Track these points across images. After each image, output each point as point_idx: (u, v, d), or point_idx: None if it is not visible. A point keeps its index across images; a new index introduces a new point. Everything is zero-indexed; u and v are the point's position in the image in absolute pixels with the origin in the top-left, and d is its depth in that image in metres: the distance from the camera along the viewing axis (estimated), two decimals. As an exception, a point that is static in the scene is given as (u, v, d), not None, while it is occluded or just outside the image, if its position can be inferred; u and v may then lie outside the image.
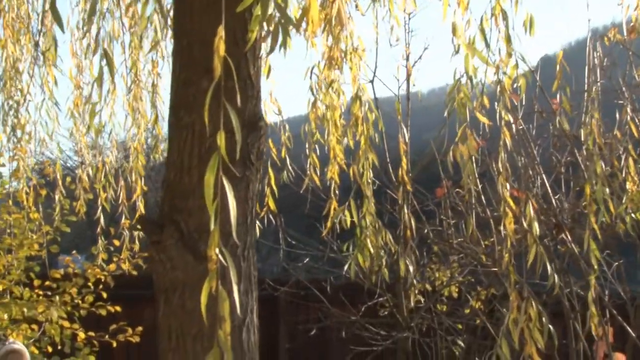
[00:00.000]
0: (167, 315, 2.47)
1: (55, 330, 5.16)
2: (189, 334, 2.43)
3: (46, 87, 4.66)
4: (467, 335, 7.17)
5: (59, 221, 5.28)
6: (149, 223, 2.48)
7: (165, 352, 2.47)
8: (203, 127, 2.44)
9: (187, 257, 2.42)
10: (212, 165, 1.56)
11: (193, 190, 2.45)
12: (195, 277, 2.42)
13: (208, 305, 2.36)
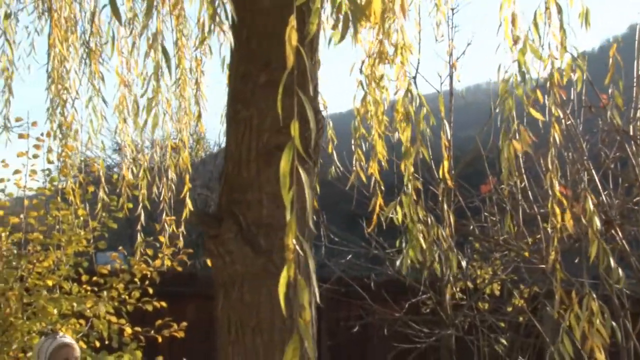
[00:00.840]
0: (227, 308, 2.49)
1: (103, 325, 5.22)
2: (248, 327, 2.44)
3: (93, 85, 4.72)
4: (510, 333, 7.10)
5: (106, 217, 5.34)
6: (207, 217, 2.49)
7: (225, 345, 2.48)
8: (260, 121, 2.46)
9: (246, 250, 2.42)
10: (287, 154, 1.56)
11: (251, 183, 2.46)
12: (254, 270, 2.43)
13: (267, 296, 2.38)
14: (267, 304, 2.43)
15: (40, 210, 5.33)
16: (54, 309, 4.97)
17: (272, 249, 2.44)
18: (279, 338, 2.43)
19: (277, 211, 2.45)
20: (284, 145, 2.39)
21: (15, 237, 5.26)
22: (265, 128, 2.44)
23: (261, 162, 2.45)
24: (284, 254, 2.45)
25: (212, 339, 7.10)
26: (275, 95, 2.36)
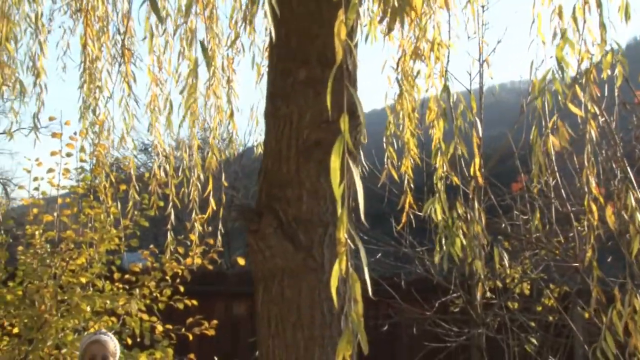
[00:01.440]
0: (267, 303, 2.49)
1: (135, 323, 5.27)
2: (288, 322, 2.44)
3: (126, 83, 4.75)
4: (540, 333, 7.05)
5: (138, 215, 5.38)
6: (248, 211, 2.50)
7: (265, 339, 2.48)
8: (300, 118, 2.46)
9: (287, 245, 2.43)
10: (338, 148, 1.56)
11: (291, 180, 2.47)
12: (294, 265, 2.44)
13: (307, 291, 2.39)
14: (308, 299, 2.44)
15: (73, 209, 5.39)
16: (87, 307, 5.02)
17: (312, 245, 2.45)
18: (320, 334, 2.44)
19: (317, 207, 2.45)
20: (324, 141, 2.42)
21: (49, 235, 5.32)
22: (305, 124, 2.44)
23: (301, 158, 2.45)
24: (324, 250, 2.47)
25: (239, 338, 7.14)
26: (315, 91, 2.37)
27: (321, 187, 2.44)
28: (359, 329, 1.49)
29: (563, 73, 3.20)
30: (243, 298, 7.52)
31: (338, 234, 1.47)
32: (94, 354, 4.05)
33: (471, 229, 3.43)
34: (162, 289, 5.46)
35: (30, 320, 4.85)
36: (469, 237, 3.44)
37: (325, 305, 2.45)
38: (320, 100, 2.42)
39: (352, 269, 1.50)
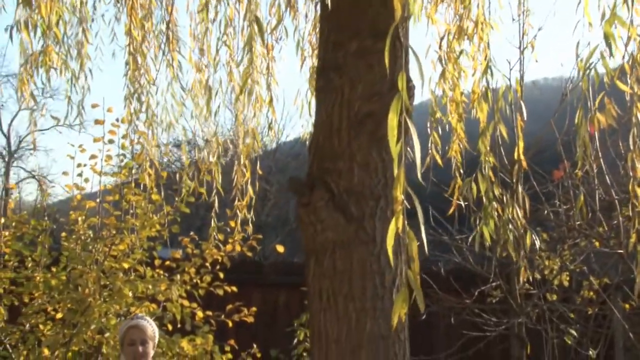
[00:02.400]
0: (318, 276, 2.50)
1: (176, 308, 5.31)
2: (340, 294, 2.45)
3: (172, 69, 4.80)
4: (580, 324, 6.97)
5: (179, 202, 5.43)
6: (299, 185, 2.51)
7: (317, 312, 2.49)
8: (351, 90, 2.47)
9: (338, 218, 2.43)
10: (395, 106, 1.55)
11: (342, 152, 2.47)
12: (346, 238, 2.44)
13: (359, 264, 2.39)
14: (359, 271, 2.44)
15: (115, 195, 5.45)
16: (129, 292, 5.08)
17: (363, 217, 2.45)
18: (371, 305, 2.44)
19: (369, 179, 2.45)
20: (375, 113, 2.42)
21: (91, 222, 5.39)
22: (357, 96, 2.45)
23: (352, 131, 2.45)
24: (375, 222, 2.47)
25: (276, 327, 7.16)
26: (366, 63, 2.37)
27: (372, 160, 2.44)
28: (416, 286, 1.49)
29: (611, 49, 3.15)
30: (279, 288, 7.55)
31: (395, 193, 1.47)
32: (133, 339, 4.11)
33: (506, 211, 3.40)
34: (202, 275, 5.50)
35: (74, 304, 4.92)
36: (503, 219, 3.41)
37: (377, 278, 2.45)
38: (372, 72, 2.42)
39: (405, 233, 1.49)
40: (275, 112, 5.32)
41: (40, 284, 5.12)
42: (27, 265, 5.24)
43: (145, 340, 4.12)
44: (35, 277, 5.15)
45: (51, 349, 5.01)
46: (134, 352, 4.07)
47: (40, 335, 5.17)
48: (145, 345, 4.11)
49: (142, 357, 4.10)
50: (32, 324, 5.19)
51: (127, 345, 4.11)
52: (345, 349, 2.41)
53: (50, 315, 5.22)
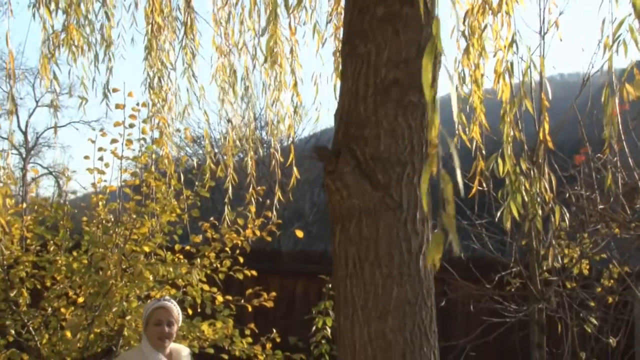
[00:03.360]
0: (344, 243, 2.49)
1: (196, 292, 5.33)
2: (366, 261, 2.44)
3: (192, 52, 4.82)
4: (600, 312, 6.92)
5: (199, 186, 5.45)
6: (325, 152, 2.51)
7: (343, 279, 2.49)
8: (378, 56, 2.46)
9: (364, 184, 2.43)
10: (429, 51, 1.54)
11: (368, 118, 2.46)
12: (372, 204, 2.44)
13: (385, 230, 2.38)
14: (386, 238, 2.43)
15: (135, 180, 5.47)
16: (150, 275, 5.10)
17: (390, 183, 2.44)
18: (398, 272, 2.43)
19: (395, 146, 2.45)
20: (402, 80, 2.41)
21: (112, 206, 5.42)
22: (383, 63, 2.44)
23: (378, 98, 2.45)
24: (402, 189, 2.46)
25: (294, 315, 7.15)
26: (393, 29, 2.36)
27: (399, 126, 2.43)
28: (452, 229, 1.48)
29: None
30: (297, 276, 7.56)
31: (429, 136, 1.46)
32: (160, 319, 4.13)
33: (534, 185, 3.38)
34: (221, 259, 5.52)
35: (96, 286, 4.95)
36: (530, 193, 3.39)
37: (404, 244, 2.44)
38: (398, 38, 2.42)
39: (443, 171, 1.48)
40: (300, 95, 5.34)
41: (62, 267, 5.16)
42: (49, 249, 5.28)
43: (171, 322, 4.16)
44: (57, 261, 5.19)
45: (73, 332, 5.05)
46: (160, 332, 4.10)
47: (62, 318, 5.21)
48: (171, 327, 4.15)
49: (167, 338, 4.13)
50: (54, 308, 5.24)
51: (153, 325, 4.13)
52: (371, 315, 2.41)
53: (72, 299, 5.26)
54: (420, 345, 2.42)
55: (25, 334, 5.16)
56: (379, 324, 2.40)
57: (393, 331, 2.40)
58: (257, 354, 5.57)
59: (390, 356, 2.39)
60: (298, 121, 5.21)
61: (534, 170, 3.42)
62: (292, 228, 14.24)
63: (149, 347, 4.15)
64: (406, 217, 2.44)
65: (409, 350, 2.40)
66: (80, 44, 4.32)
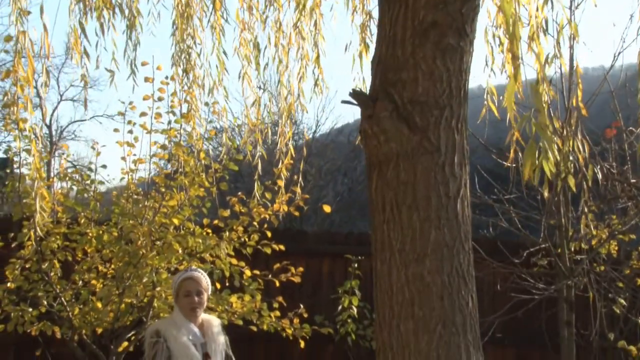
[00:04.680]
0: (381, 187, 2.50)
1: (225, 265, 5.36)
2: (404, 204, 2.44)
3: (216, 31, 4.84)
4: (629, 292, 6.86)
5: (227, 160, 5.47)
6: (362, 97, 2.51)
7: (380, 224, 2.49)
8: (416, 0, 2.45)
9: (402, 128, 2.43)
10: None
11: (406, 62, 2.46)
12: (410, 148, 2.43)
13: (423, 174, 2.37)
14: (423, 181, 2.43)
15: (164, 154, 5.50)
16: (179, 247, 5.13)
17: (428, 127, 2.44)
18: (435, 215, 2.43)
19: (433, 89, 2.44)
20: (440, 22, 2.40)
21: (141, 179, 5.46)
22: (422, 5, 2.43)
23: (416, 40, 2.44)
24: (440, 132, 2.46)
25: (320, 294, 7.14)
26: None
27: (437, 69, 2.43)
28: (546, 136, 1.46)
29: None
30: (323, 257, 7.56)
31: (512, 49, 1.45)
32: (189, 290, 4.16)
33: (567, 144, 3.35)
34: (249, 233, 5.54)
35: (126, 255, 4.99)
36: (563, 151, 3.36)
37: (442, 188, 2.44)
38: (436, -20, 2.40)
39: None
40: (322, 69, 5.34)
41: (93, 239, 5.20)
42: (79, 222, 5.33)
43: (200, 291, 4.19)
44: (87, 233, 5.24)
45: (104, 302, 5.10)
46: (190, 302, 4.13)
47: (93, 290, 5.26)
48: (201, 296, 4.18)
49: (198, 307, 4.17)
50: (85, 280, 5.29)
51: (182, 296, 4.17)
52: (409, 258, 2.41)
53: (102, 272, 5.31)
54: (458, 288, 2.41)
55: (58, 305, 5.22)
56: (417, 267, 2.40)
57: (431, 274, 2.40)
58: (285, 327, 5.60)
59: (428, 298, 2.38)
60: (318, 93, 5.19)
61: (567, 129, 3.39)
62: (315, 216, 14.28)
63: (181, 318, 4.19)
64: (444, 161, 2.43)
65: (447, 293, 2.39)
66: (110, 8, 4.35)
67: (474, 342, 2.40)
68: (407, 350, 2.36)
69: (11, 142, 6.07)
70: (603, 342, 6.93)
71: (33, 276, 5.17)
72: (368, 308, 7.09)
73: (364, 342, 7.06)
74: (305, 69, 5.32)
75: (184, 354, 4.12)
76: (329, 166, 16.06)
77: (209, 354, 4.22)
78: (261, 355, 7.15)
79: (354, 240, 7.75)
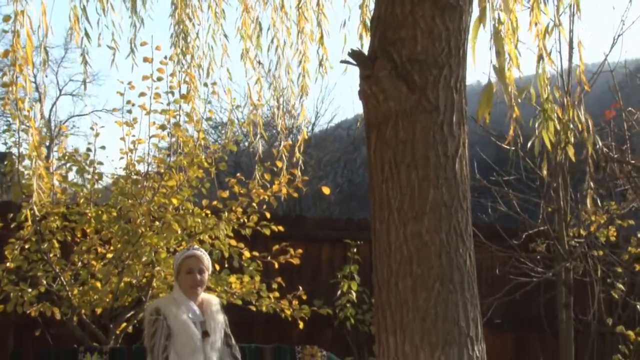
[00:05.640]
0: (380, 147, 2.50)
1: (224, 246, 5.36)
2: (402, 163, 2.44)
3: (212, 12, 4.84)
4: (627, 277, 6.87)
5: (227, 140, 5.47)
6: (361, 56, 2.51)
7: (379, 184, 2.49)
8: (414, -41, 2.45)
9: (401, 87, 2.43)
10: None
11: (405, 20, 2.46)
12: (409, 107, 2.44)
13: (421, 132, 2.37)
14: (422, 140, 2.43)
15: (163, 137, 5.51)
16: (178, 228, 5.13)
17: (427, 85, 2.44)
18: (434, 174, 2.43)
19: (432, 48, 2.44)
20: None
21: (140, 160, 5.46)
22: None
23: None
24: (439, 91, 2.46)
25: (319, 279, 7.13)
26: None
27: (436, 27, 2.43)
28: (502, 79, 1.48)
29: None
30: (322, 242, 7.56)
31: None
32: (191, 267, 4.17)
33: (567, 113, 3.35)
34: (249, 214, 5.54)
35: (125, 234, 4.99)
36: (564, 120, 3.36)
37: (440, 147, 2.44)
38: None
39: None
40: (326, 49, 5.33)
41: (92, 219, 5.21)
42: (78, 202, 5.33)
43: (202, 269, 4.20)
44: (86, 213, 5.24)
45: (103, 280, 5.10)
46: (192, 279, 4.14)
47: (92, 271, 5.26)
48: (202, 275, 4.19)
49: (199, 285, 4.18)
50: (84, 261, 5.29)
51: (185, 273, 4.18)
52: (407, 217, 2.41)
53: (101, 254, 5.31)
54: (456, 246, 2.42)
55: (57, 285, 5.22)
56: (415, 225, 2.41)
57: (429, 232, 2.40)
58: (284, 308, 5.60)
59: (427, 256, 2.39)
60: (323, 73, 5.18)
61: (567, 99, 3.39)
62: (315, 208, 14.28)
63: (181, 296, 4.20)
64: (442, 120, 2.44)
65: (445, 251, 2.40)
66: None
67: (472, 299, 2.41)
68: (406, 308, 2.37)
69: (10, 133, 6.05)
70: (601, 327, 6.95)
71: (32, 256, 5.17)
72: (367, 293, 7.09)
73: (362, 327, 7.07)
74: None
75: (183, 331, 4.12)
76: (328, 158, 16.09)
77: (208, 332, 4.22)
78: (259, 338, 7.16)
79: (353, 226, 7.76)
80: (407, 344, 2.34)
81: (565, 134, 3.41)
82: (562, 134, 3.37)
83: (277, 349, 5.25)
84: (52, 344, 5.63)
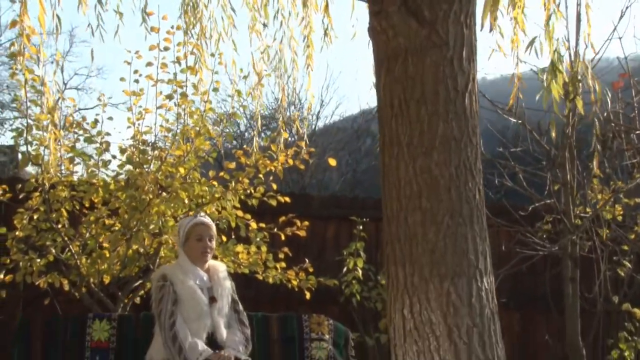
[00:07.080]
0: (389, 84, 2.51)
1: (231, 216, 5.38)
2: (412, 99, 2.46)
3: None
4: (634, 255, 6.87)
5: (232, 110, 5.49)
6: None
7: (388, 120, 2.51)
8: None
9: (410, 22, 2.44)
10: None
11: (415, -46, 2.47)
12: (418, 42, 2.45)
13: (431, 67, 2.38)
14: (432, 75, 2.45)
15: (169, 108, 5.51)
16: (185, 196, 5.15)
17: (436, 20, 2.45)
18: (444, 109, 2.44)
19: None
20: None
21: (147, 131, 5.47)
22: None
23: None
24: (449, 26, 2.47)
25: (322, 259, 7.13)
26: None
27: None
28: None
29: None
30: (328, 220, 7.56)
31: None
32: (201, 234, 4.20)
33: (575, 64, 3.35)
34: (255, 186, 5.55)
35: (133, 201, 5.00)
36: (573, 73, 3.36)
37: (450, 82, 2.46)
38: None
39: None
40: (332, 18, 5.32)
41: (100, 188, 5.22)
42: (87, 171, 5.35)
43: (212, 237, 4.23)
44: (94, 183, 5.25)
45: (111, 247, 5.11)
46: (203, 246, 4.18)
47: (100, 240, 5.28)
48: (212, 242, 4.22)
49: (209, 252, 4.21)
50: (92, 232, 5.30)
51: (195, 240, 4.21)
52: (417, 152, 2.43)
53: (109, 224, 5.32)
54: (466, 180, 2.43)
55: (67, 253, 5.24)
56: (425, 160, 2.42)
57: (438, 166, 2.42)
58: (291, 278, 5.62)
59: (436, 191, 2.40)
60: (328, 43, 5.16)
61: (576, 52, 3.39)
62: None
63: (187, 262, 4.23)
64: (452, 55, 2.45)
65: (454, 185, 2.41)
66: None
67: (481, 233, 2.42)
68: (415, 241, 2.39)
69: (18, 103, 6.08)
70: (607, 305, 6.94)
71: (41, 225, 5.19)
72: (372, 270, 7.10)
73: (368, 304, 7.08)
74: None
75: (190, 297, 4.15)
76: (333, 146, 16.09)
77: (216, 298, 4.25)
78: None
79: (359, 204, 7.75)
80: (417, 276, 2.36)
81: (573, 85, 3.41)
82: (570, 85, 3.38)
83: (284, 317, 5.26)
84: (61, 313, 5.66)
